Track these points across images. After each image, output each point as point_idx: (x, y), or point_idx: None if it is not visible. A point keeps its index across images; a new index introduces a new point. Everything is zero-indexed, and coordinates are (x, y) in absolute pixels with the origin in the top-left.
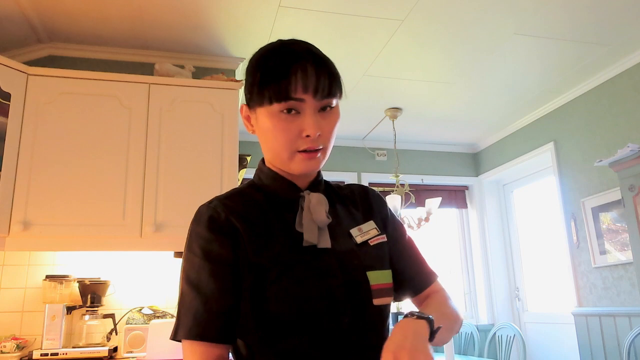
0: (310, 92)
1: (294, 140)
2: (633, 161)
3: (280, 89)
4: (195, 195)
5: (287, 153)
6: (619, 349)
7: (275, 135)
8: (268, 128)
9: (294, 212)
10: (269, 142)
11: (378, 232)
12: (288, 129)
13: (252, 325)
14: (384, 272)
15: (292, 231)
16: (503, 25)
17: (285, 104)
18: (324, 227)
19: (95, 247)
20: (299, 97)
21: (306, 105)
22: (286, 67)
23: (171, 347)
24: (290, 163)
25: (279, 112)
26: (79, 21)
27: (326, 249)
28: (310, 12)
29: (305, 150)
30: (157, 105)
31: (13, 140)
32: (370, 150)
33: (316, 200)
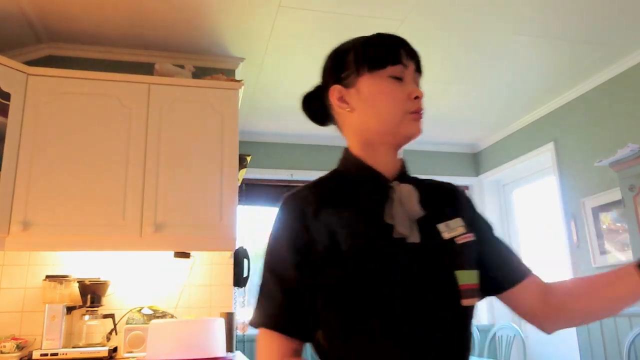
0: (410, 61)
1: (404, 101)
2: (633, 161)
3: (394, 54)
4: (195, 195)
5: (399, 114)
6: (619, 350)
7: (385, 97)
8: (376, 93)
9: (381, 203)
10: (377, 108)
11: (465, 230)
12: (397, 90)
13: (333, 317)
14: (472, 272)
15: (380, 223)
16: (503, 25)
17: (394, 67)
18: (414, 220)
19: (95, 247)
20: (405, 63)
21: (409, 72)
22: (393, 40)
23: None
24: (400, 125)
25: (387, 78)
26: (79, 21)
27: (414, 244)
28: (310, 12)
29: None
30: (157, 105)
31: (13, 140)
32: None
33: (407, 191)
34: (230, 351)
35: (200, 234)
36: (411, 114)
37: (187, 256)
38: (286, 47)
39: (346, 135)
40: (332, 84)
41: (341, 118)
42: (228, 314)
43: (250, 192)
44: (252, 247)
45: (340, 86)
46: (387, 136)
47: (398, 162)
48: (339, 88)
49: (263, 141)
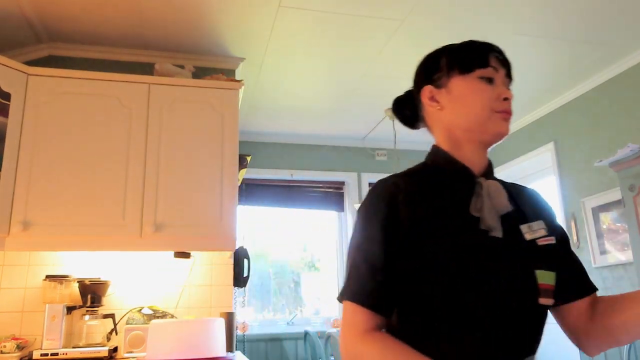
0: (500, 66)
1: (493, 101)
2: (633, 161)
3: (483, 58)
4: (195, 195)
5: (487, 112)
6: (619, 350)
7: (475, 96)
8: (466, 92)
9: (467, 197)
10: (466, 105)
11: (546, 233)
12: (487, 89)
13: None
14: (550, 273)
15: (466, 215)
16: (503, 25)
17: (485, 70)
18: (499, 216)
19: (95, 247)
20: (495, 66)
21: (499, 76)
22: (483, 45)
23: (171, 347)
24: (487, 122)
25: (478, 79)
26: (79, 21)
27: (497, 238)
28: (310, 12)
29: (502, 111)
30: (157, 105)
31: (13, 140)
32: (370, 150)
33: (495, 187)
34: (230, 351)
35: (200, 234)
36: (499, 113)
37: (187, 256)
38: (286, 47)
39: (435, 134)
40: (424, 85)
41: (431, 117)
42: (228, 314)
43: (250, 192)
44: (252, 247)
45: (432, 86)
46: (474, 133)
47: (485, 161)
48: (430, 88)
49: (263, 141)
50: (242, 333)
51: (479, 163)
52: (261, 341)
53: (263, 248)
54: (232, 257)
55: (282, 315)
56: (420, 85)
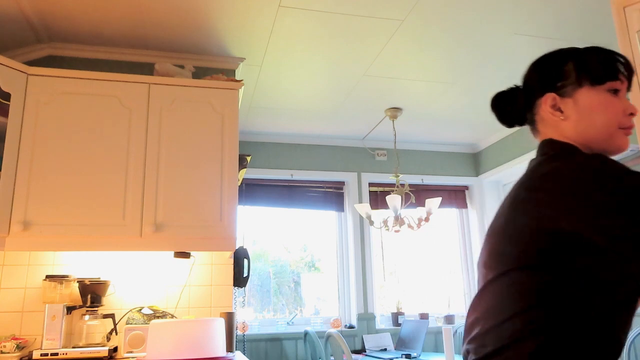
0: (625, 78)
1: (620, 116)
2: (633, 161)
3: (613, 68)
4: (195, 195)
5: (613, 127)
6: None
7: (604, 110)
8: (595, 106)
9: None
10: (595, 119)
11: None
12: (616, 104)
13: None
14: None
15: None
16: (503, 25)
17: (614, 82)
18: None
19: (95, 247)
20: (622, 79)
21: (623, 88)
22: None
23: (171, 347)
24: (612, 138)
25: (606, 91)
26: (79, 21)
27: None
28: (310, 12)
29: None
30: (157, 105)
31: (13, 140)
32: (370, 150)
33: None
34: (230, 351)
35: (200, 234)
36: (624, 129)
37: (187, 256)
38: (286, 47)
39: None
40: (545, 91)
41: (548, 124)
42: (228, 314)
43: (250, 192)
44: (252, 247)
45: (556, 94)
46: (599, 145)
47: None
48: (553, 96)
49: (263, 141)
50: (242, 333)
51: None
52: (261, 341)
53: (263, 248)
54: (232, 257)
55: (282, 315)
56: (538, 89)
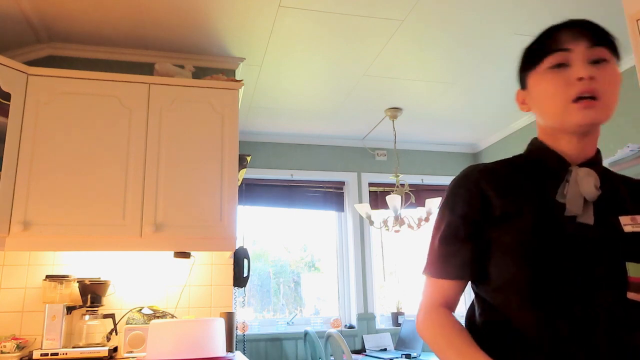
0: (579, 40)
1: (565, 87)
2: (633, 161)
3: (545, 45)
4: (195, 195)
5: (561, 104)
6: None
7: (546, 90)
8: (539, 89)
9: (556, 185)
10: (543, 104)
11: None
12: (557, 78)
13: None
14: None
15: (550, 201)
16: (503, 25)
17: (551, 57)
18: (590, 201)
19: (95, 247)
20: (565, 47)
21: (574, 55)
22: (552, 29)
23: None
24: (565, 117)
25: (548, 70)
26: (79, 21)
27: (586, 226)
28: (310, 12)
29: (579, 97)
30: (157, 105)
31: (13, 141)
32: (370, 150)
33: (585, 172)
34: (230, 351)
35: (200, 234)
36: (575, 103)
37: (187, 256)
38: (286, 47)
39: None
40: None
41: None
42: (228, 314)
43: (250, 192)
44: (252, 247)
45: (521, 90)
46: (559, 126)
47: (587, 151)
48: (519, 92)
49: (263, 141)
50: (242, 333)
51: (577, 153)
52: (261, 341)
53: (263, 248)
54: (232, 257)
55: (282, 315)
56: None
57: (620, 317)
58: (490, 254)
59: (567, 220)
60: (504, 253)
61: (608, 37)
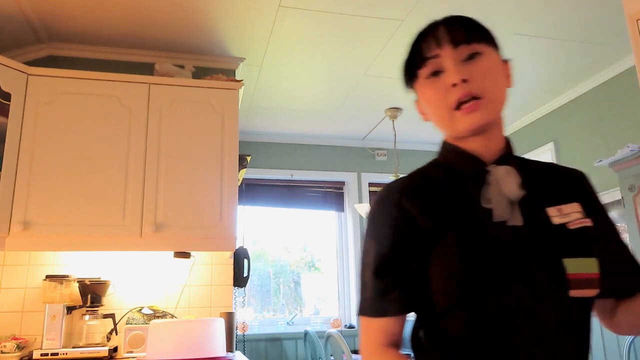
0: (443, 44)
1: (444, 96)
2: (633, 161)
3: (415, 57)
4: (195, 195)
5: (446, 113)
6: (619, 349)
7: (429, 101)
8: (425, 101)
9: (478, 189)
10: (432, 114)
11: (582, 217)
12: (435, 88)
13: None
14: (586, 260)
15: (476, 209)
16: (503, 25)
17: (425, 68)
18: (515, 202)
19: (95, 247)
20: (432, 55)
21: (444, 59)
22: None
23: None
24: (454, 125)
25: (425, 80)
26: (79, 21)
27: (516, 227)
28: (310, 12)
29: (460, 103)
30: (157, 105)
31: (13, 141)
32: (370, 150)
33: (504, 171)
34: (230, 351)
35: (200, 234)
36: (457, 110)
37: (187, 256)
38: (286, 47)
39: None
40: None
41: None
42: (228, 314)
43: (250, 192)
44: (252, 247)
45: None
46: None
47: (497, 145)
48: (417, 102)
49: (263, 141)
50: (242, 333)
51: (486, 149)
52: (261, 341)
53: (263, 248)
54: (232, 257)
55: (282, 315)
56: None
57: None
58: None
59: (496, 226)
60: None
61: (473, 29)
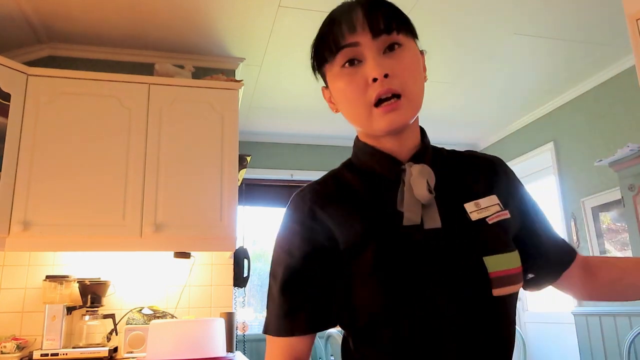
0: (363, 31)
1: (363, 91)
2: (633, 161)
3: (330, 41)
4: (195, 195)
5: (363, 110)
6: (619, 349)
7: (345, 94)
8: (338, 92)
9: (395, 190)
10: (345, 108)
11: (500, 209)
12: (353, 80)
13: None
14: (507, 255)
15: (393, 212)
16: (503, 25)
17: (340, 55)
18: (429, 204)
19: (95, 248)
20: (351, 42)
21: (363, 48)
22: (332, 19)
23: (171, 347)
24: (371, 123)
25: (341, 69)
26: (79, 21)
27: (435, 230)
28: (310, 12)
29: (379, 100)
30: (157, 105)
31: (13, 141)
32: None
33: (417, 172)
34: (230, 351)
35: (200, 234)
36: (377, 108)
37: (187, 256)
38: (286, 47)
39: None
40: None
41: None
42: (228, 314)
43: (250, 192)
44: (252, 247)
45: (325, 87)
46: (367, 132)
47: (413, 142)
48: (325, 90)
49: (263, 141)
50: (242, 333)
51: (405, 145)
52: (261, 341)
53: (263, 248)
54: (232, 257)
55: None
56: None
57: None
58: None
59: (413, 229)
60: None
61: (393, 17)
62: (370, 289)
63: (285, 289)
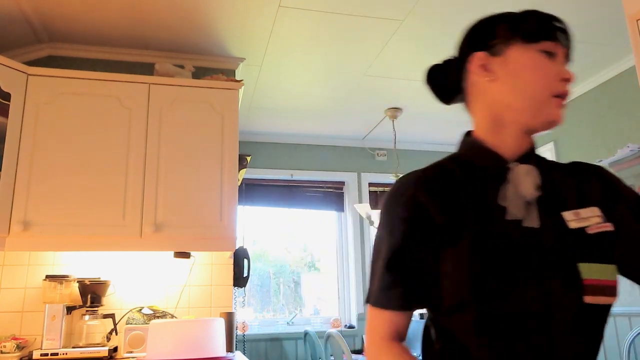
0: (564, 47)
1: (553, 81)
2: (633, 161)
3: (547, 28)
4: (195, 195)
5: (545, 93)
6: (619, 349)
7: (535, 71)
8: (527, 65)
9: (498, 186)
10: (524, 81)
11: (602, 220)
12: (549, 66)
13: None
14: (603, 265)
15: (493, 206)
16: None
17: (550, 43)
18: (532, 202)
19: (95, 248)
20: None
21: (560, 52)
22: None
23: (171, 347)
24: (543, 106)
25: (540, 52)
26: (79, 21)
27: (533, 228)
28: (310, 12)
29: (560, 95)
30: (157, 105)
31: (13, 141)
32: (370, 150)
33: (524, 171)
34: (230, 351)
35: (200, 234)
36: (556, 98)
37: (187, 256)
38: (286, 47)
39: (474, 110)
40: (475, 51)
41: (476, 89)
42: (228, 314)
43: (250, 192)
44: (252, 247)
45: (486, 53)
46: (525, 116)
47: (525, 145)
48: (482, 55)
49: (263, 141)
50: (242, 333)
51: (516, 147)
52: (261, 341)
53: (263, 248)
54: (232, 257)
55: (282, 315)
56: (468, 52)
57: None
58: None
59: (512, 225)
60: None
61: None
62: (463, 276)
63: (388, 267)
